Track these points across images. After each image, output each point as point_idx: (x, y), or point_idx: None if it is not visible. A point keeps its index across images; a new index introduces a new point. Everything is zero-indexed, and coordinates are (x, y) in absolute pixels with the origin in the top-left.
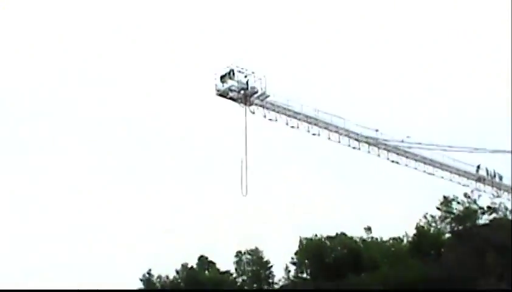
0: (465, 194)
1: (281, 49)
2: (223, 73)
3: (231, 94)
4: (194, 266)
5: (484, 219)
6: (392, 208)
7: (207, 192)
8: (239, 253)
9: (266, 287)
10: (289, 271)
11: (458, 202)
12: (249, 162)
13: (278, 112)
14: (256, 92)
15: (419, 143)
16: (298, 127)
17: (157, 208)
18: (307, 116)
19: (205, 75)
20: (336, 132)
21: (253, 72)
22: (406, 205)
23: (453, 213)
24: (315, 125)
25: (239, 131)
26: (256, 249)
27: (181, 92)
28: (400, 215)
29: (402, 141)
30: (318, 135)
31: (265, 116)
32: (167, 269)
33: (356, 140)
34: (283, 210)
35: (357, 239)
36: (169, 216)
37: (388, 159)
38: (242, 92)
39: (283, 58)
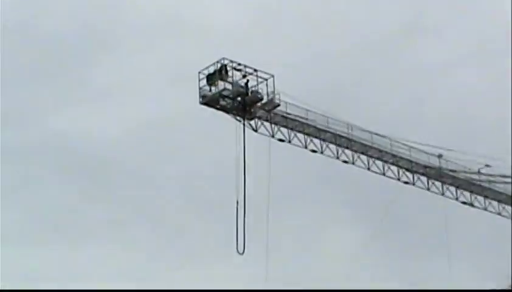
0: None
1: (296, 39)
2: (211, 70)
3: (222, 102)
4: None
5: None
6: (466, 276)
7: (187, 250)
8: None
9: None
10: None
11: None
12: (248, 204)
13: (292, 129)
14: (261, 100)
15: (505, 176)
16: (322, 151)
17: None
18: (335, 135)
19: (186, 73)
20: (379, 158)
21: (255, 70)
22: (488, 272)
23: None
24: (347, 147)
25: (235, 157)
26: None
27: (152, 97)
28: (479, 287)
29: (479, 172)
30: (353, 163)
31: (273, 135)
32: None
33: (409, 170)
34: (299, 275)
35: None
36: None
37: (457, 199)
38: (239, 99)
39: (299, 50)
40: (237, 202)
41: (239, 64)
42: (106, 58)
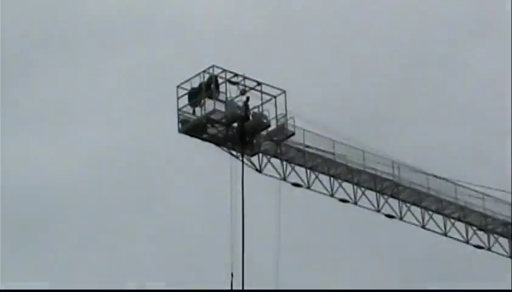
0: None
1: (317, 41)
2: (195, 84)
3: (212, 130)
4: None
5: None
6: None
7: None
8: None
9: None
10: None
11: None
12: (248, 276)
13: (312, 168)
14: (267, 126)
15: None
16: (356, 201)
17: None
18: (375, 177)
19: (160, 88)
20: (438, 211)
21: (259, 84)
22: None
23: None
24: (392, 196)
25: (229, 208)
26: None
27: (114, 123)
28: None
29: None
30: (401, 218)
31: (285, 177)
32: None
33: (482, 229)
34: None
35: None
36: None
37: None
38: (235, 125)
39: (321, 57)
40: (232, 275)
41: (236, 75)
42: (52, 69)
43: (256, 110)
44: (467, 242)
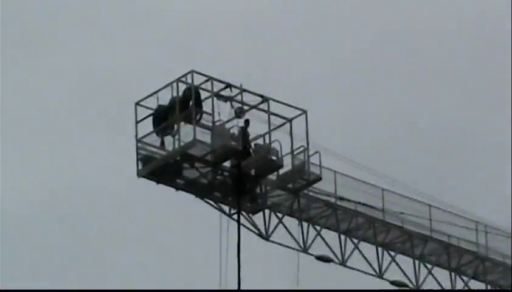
0: None
1: (345, 42)
2: (163, 101)
3: (189, 174)
4: None
5: None
6: None
7: None
8: None
9: None
10: None
11: None
12: None
13: (347, 233)
14: (277, 167)
15: None
16: (419, 286)
17: None
18: (449, 247)
19: (113, 106)
20: None
21: (264, 99)
22: None
23: None
24: (475, 277)
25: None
26: None
27: (42, 160)
28: None
29: None
30: None
31: (305, 248)
32: None
33: None
34: None
35: None
36: None
37: None
38: (227, 165)
39: (349, 53)
40: None
41: (228, 86)
42: None
43: (260, 141)
44: None
